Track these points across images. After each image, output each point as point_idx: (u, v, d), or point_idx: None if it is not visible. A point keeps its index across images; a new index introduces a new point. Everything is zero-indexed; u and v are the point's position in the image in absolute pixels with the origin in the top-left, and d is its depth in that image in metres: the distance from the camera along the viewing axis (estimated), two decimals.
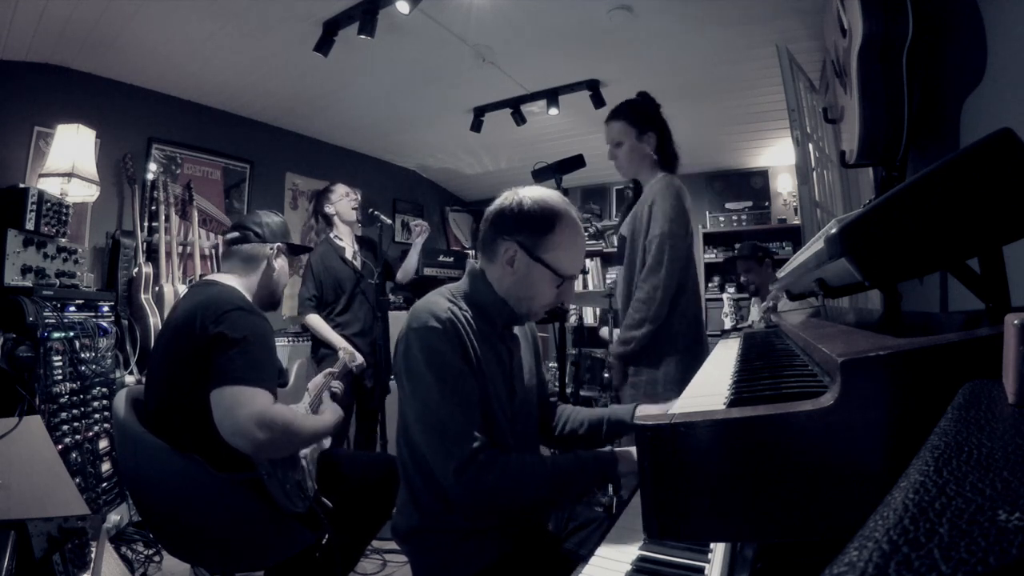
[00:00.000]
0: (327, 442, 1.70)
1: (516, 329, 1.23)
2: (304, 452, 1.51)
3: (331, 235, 2.95)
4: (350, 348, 2.72)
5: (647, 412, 1.22)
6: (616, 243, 2.06)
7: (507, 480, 0.99)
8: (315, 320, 2.78)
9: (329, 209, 2.94)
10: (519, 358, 1.22)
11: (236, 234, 1.58)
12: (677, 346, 1.83)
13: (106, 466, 2.35)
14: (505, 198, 1.15)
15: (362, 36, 2.65)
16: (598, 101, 3.44)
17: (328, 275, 2.83)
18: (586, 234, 1.24)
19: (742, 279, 3.50)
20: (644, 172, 1.95)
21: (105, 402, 2.40)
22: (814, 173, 2.44)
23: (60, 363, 2.18)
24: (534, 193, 1.13)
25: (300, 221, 4.37)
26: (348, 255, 2.92)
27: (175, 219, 3.42)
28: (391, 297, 3.40)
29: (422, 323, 1.04)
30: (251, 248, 1.57)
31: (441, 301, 1.09)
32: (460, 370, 1.03)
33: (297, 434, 1.33)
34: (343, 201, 2.93)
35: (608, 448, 1.15)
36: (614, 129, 1.94)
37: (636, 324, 1.81)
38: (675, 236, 1.77)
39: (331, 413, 1.57)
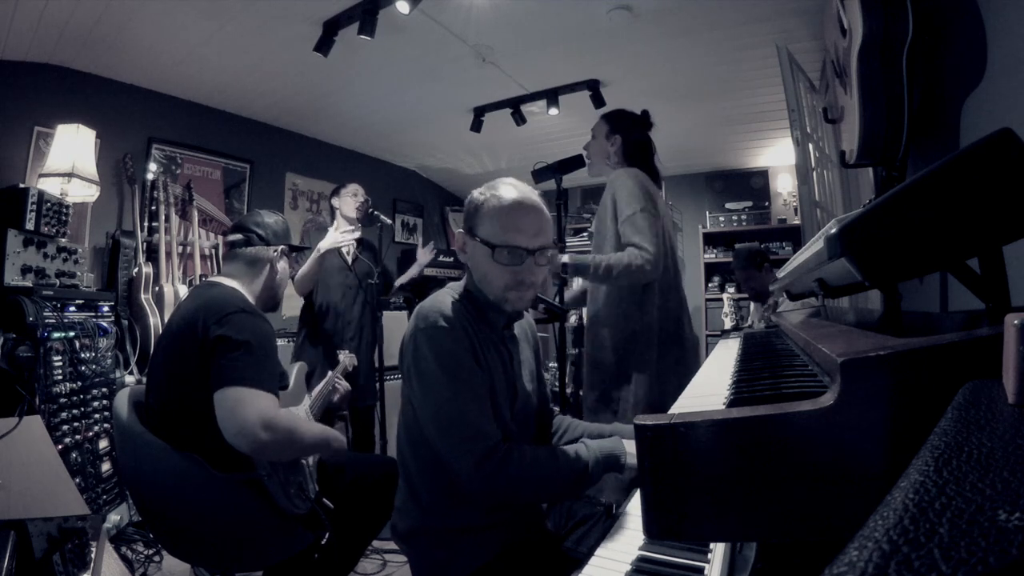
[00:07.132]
0: None
1: (516, 329, 1.24)
2: None
3: (330, 228, 2.98)
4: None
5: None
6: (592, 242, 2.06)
7: (525, 472, 1.01)
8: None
9: (335, 203, 2.98)
10: (519, 359, 1.22)
11: (238, 236, 1.58)
12: (653, 344, 1.81)
13: (106, 466, 2.35)
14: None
15: (362, 36, 2.65)
16: (598, 101, 3.44)
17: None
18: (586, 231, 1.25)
19: (742, 287, 3.49)
20: (605, 171, 2.01)
21: (105, 402, 2.40)
22: (814, 173, 2.44)
23: (60, 363, 2.18)
24: (487, 185, 1.16)
25: (300, 221, 4.37)
26: (342, 247, 2.93)
27: (175, 219, 3.42)
28: (391, 299, 3.41)
29: (431, 323, 1.05)
30: (254, 251, 1.57)
31: (448, 300, 1.10)
32: (471, 367, 1.04)
33: (299, 439, 1.33)
34: (348, 199, 2.96)
35: (615, 437, 1.15)
36: (594, 125, 2.05)
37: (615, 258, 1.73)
38: (646, 211, 1.75)
39: (336, 436, 1.47)
